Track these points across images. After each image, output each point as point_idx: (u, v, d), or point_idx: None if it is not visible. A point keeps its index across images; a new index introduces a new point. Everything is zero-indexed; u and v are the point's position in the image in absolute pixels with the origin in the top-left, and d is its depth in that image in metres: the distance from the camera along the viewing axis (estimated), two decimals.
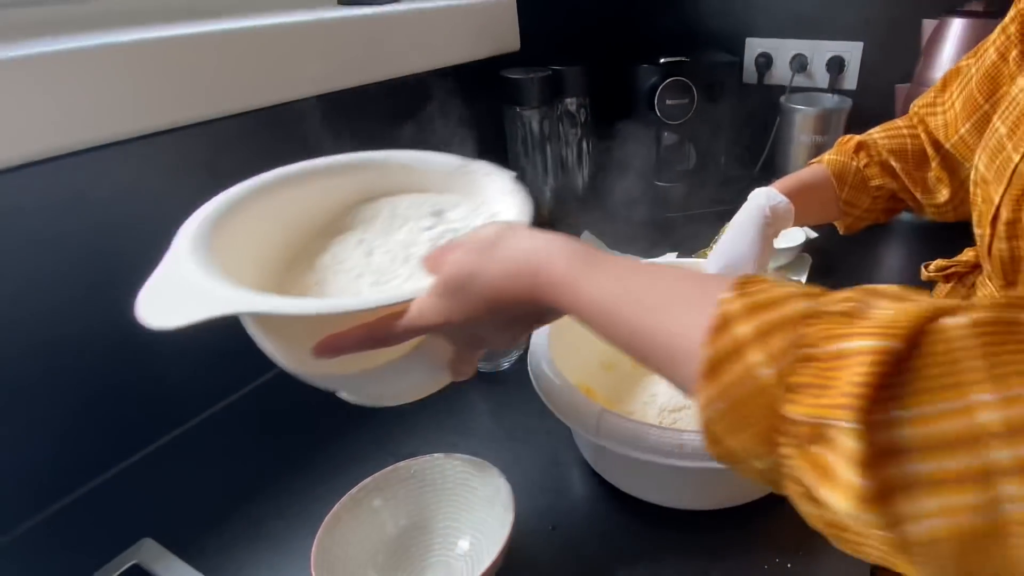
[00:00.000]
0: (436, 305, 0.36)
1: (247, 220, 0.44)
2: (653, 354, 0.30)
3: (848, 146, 0.67)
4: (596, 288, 0.32)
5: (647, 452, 0.46)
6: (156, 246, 0.61)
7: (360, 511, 0.49)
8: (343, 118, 0.77)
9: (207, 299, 0.34)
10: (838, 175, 0.66)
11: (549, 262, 0.33)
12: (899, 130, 0.66)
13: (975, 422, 0.21)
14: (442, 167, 0.52)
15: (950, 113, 0.61)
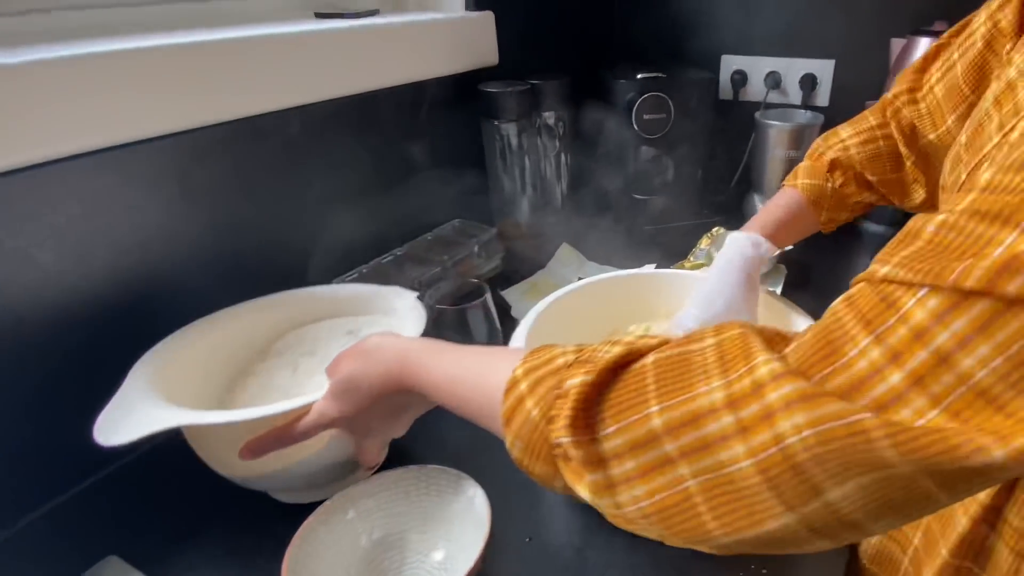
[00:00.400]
0: (332, 404, 0.45)
1: (188, 353, 0.56)
2: (478, 414, 0.38)
3: (821, 164, 0.64)
4: (440, 370, 0.41)
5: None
6: (127, 256, 0.60)
7: (333, 524, 0.48)
8: (319, 130, 0.77)
9: (146, 419, 0.44)
10: (815, 201, 0.64)
11: (408, 357, 0.42)
12: (872, 132, 0.63)
13: (650, 427, 0.29)
14: (359, 294, 0.66)
15: (931, 100, 0.56)
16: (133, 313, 0.61)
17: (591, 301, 0.68)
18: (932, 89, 0.56)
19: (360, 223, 0.84)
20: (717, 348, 0.30)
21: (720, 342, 0.30)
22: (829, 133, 0.66)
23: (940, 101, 0.55)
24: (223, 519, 0.55)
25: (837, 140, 0.64)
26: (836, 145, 0.64)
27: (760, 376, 0.27)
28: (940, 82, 0.55)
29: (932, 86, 0.56)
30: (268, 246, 0.74)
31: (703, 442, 0.28)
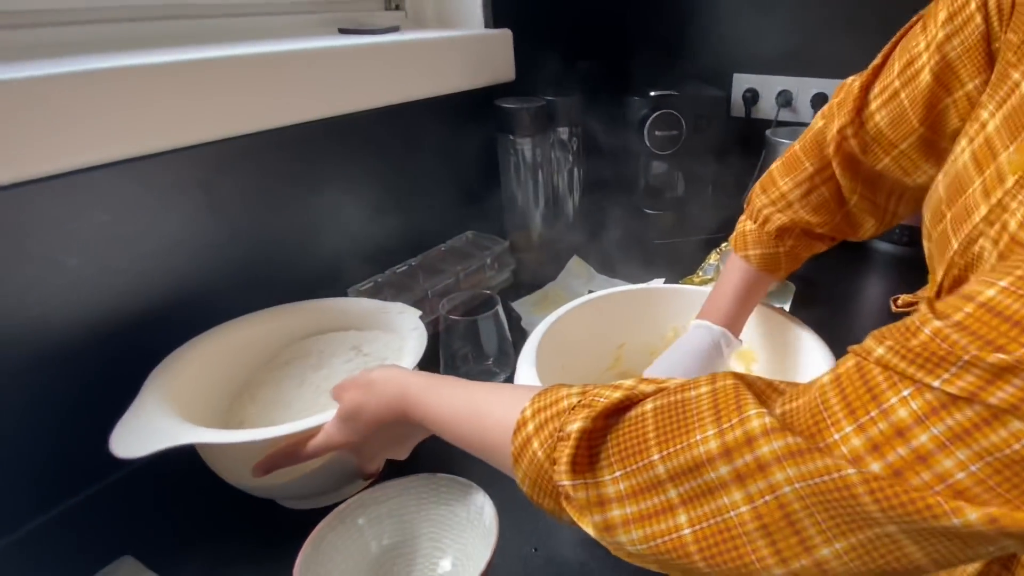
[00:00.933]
0: (338, 430, 0.48)
1: (201, 362, 0.58)
2: (483, 450, 0.40)
3: (768, 232, 0.61)
4: (443, 407, 0.43)
5: None
6: (150, 264, 0.62)
7: (344, 529, 0.49)
8: (339, 143, 0.79)
9: (160, 434, 0.47)
10: (770, 268, 0.62)
11: (409, 391, 0.45)
12: (811, 180, 0.59)
13: (653, 474, 0.30)
14: (364, 309, 0.68)
15: (873, 129, 0.52)
16: (154, 319, 0.62)
17: (600, 314, 0.69)
18: (873, 117, 0.52)
19: (376, 234, 0.86)
20: (711, 396, 0.31)
21: (714, 391, 0.31)
22: (766, 181, 0.62)
23: (884, 130, 0.51)
24: (233, 523, 0.57)
25: (778, 194, 0.61)
26: (779, 203, 0.60)
27: (751, 429, 0.28)
28: (883, 110, 0.51)
29: (873, 113, 0.52)
30: (287, 255, 0.76)
31: (704, 488, 0.29)
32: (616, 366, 0.72)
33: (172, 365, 0.56)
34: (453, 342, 0.71)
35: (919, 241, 1.08)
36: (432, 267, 0.87)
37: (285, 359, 0.64)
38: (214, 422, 0.58)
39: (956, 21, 0.43)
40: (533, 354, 0.59)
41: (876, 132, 0.52)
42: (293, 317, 0.67)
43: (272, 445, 0.49)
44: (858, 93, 0.53)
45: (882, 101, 0.51)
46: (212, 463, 0.53)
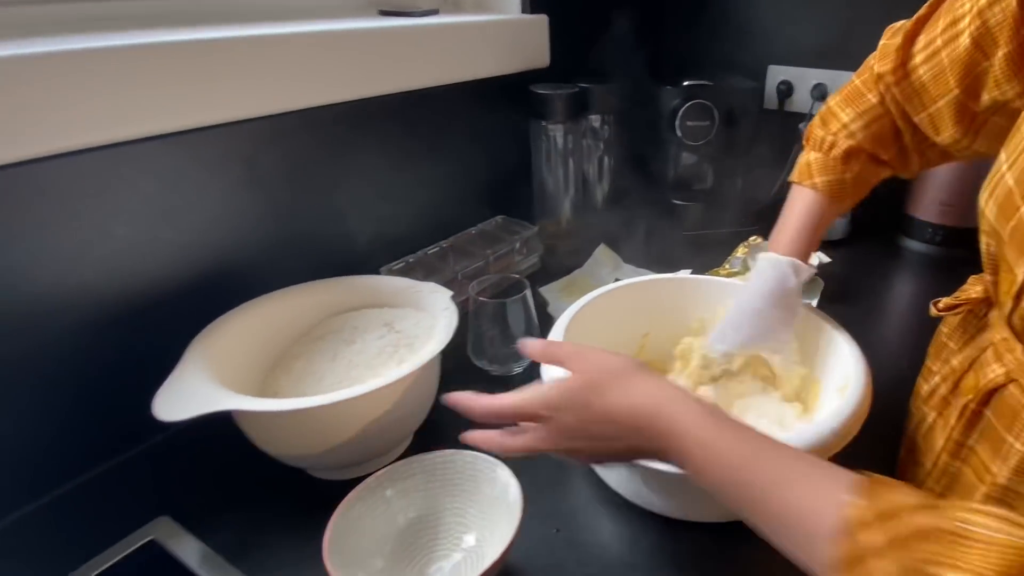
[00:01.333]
0: (559, 400, 0.43)
1: (240, 332, 0.60)
2: (776, 526, 0.34)
3: (835, 157, 0.60)
4: (720, 452, 0.37)
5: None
6: (194, 234, 0.64)
7: (373, 500, 0.50)
8: (377, 124, 0.80)
9: (201, 400, 0.49)
10: (837, 195, 0.61)
11: (673, 408, 0.39)
12: (874, 109, 0.59)
13: None
14: (397, 287, 0.69)
15: (916, 81, 0.54)
16: (197, 289, 0.64)
17: (626, 303, 0.70)
18: (917, 70, 0.53)
19: (409, 215, 0.87)
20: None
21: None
22: (826, 115, 0.62)
23: (926, 84, 0.53)
24: (265, 490, 0.59)
25: (839, 125, 0.60)
26: (841, 132, 0.60)
27: None
28: (925, 65, 0.52)
29: (917, 66, 0.53)
30: (324, 232, 0.77)
31: None
32: (640, 354, 0.72)
33: (213, 333, 0.58)
34: (482, 323, 0.72)
35: (952, 241, 1.08)
36: (462, 250, 0.87)
37: (319, 333, 0.65)
38: (250, 391, 0.59)
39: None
40: (558, 332, 0.60)
41: (919, 85, 0.53)
42: (328, 293, 0.68)
43: (304, 416, 0.50)
44: (901, 42, 0.54)
45: (925, 56, 0.52)
46: (247, 430, 0.55)
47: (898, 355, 0.78)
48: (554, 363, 0.48)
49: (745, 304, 0.61)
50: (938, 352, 0.58)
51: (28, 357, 0.54)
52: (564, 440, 0.44)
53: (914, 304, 0.93)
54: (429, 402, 0.62)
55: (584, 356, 0.45)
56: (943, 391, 0.54)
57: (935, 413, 0.54)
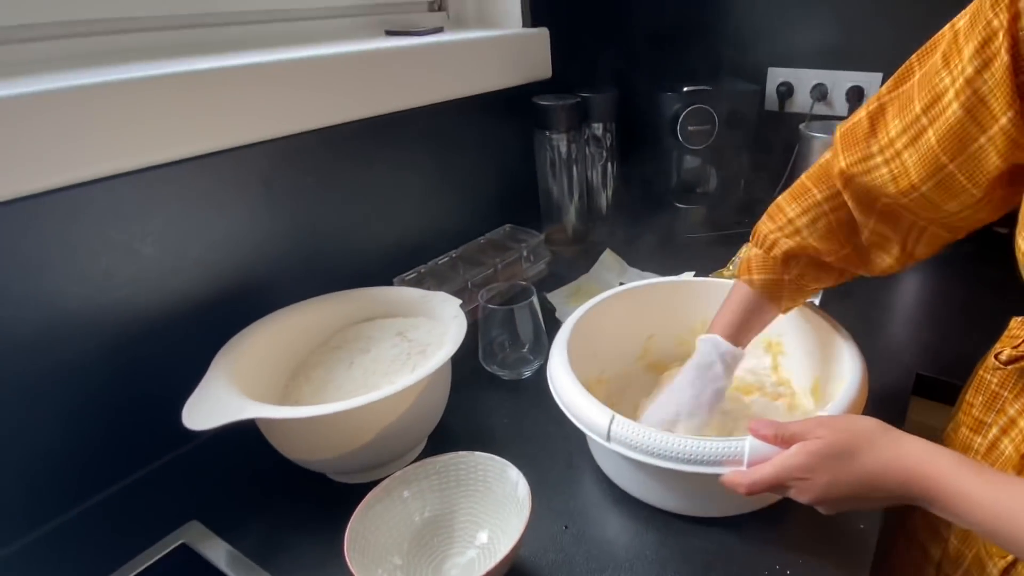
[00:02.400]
0: (804, 460, 0.46)
1: (261, 344, 0.63)
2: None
3: (775, 258, 0.59)
4: (985, 496, 0.39)
5: (654, 457, 0.50)
6: (217, 253, 0.66)
7: (390, 501, 0.52)
8: (387, 140, 0.82)
9: (227, 409, 0.51)
10: (772, 295, 0.60)
11: (926, 469, 0.42)
12: (819, 207, 0.56)
13: None
14: (409, 297, 0.71)
15: (895, 166, 0.49)
16: (221, 303, 0.67)
17: (631, 306, 0.71)
18: (899, 155, 0.48)
19: (419, 226, 0.89)
20: None
21: None
22: (774, 210, 0.60)
23: (908, 168, 0.48)
24: (288, 493, 0.61)
25: (784, 220, 0.58)
26: (786, 228, 0.58)
27: None
28: (909, 149, 0.48)
29: (899, 152, 0.48)
30: (339, 246, 0.80)
31: None
32: (645, 356, 0.74)
33: (237, 346, 0.61)
34: (491, 329, 0.75)
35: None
36: (471, 259, 0.89)
37: (336, 343, 0.68)
38: (272, 399, 0.61)
39: (984, 54, 0.41)
40: (565, 343, 0.62)
41: (900, 170, 0.49)
42: (344, 304, 0.70)
43: (323, 422, 0.53)
44: (868, 129, 0.50)
45: (908, 139, 0.48)
46: (270, 437, 0.58)
47: (904, 350, 0.79)
48: (794, 442, 0.48)
49: (676, 380, 0.61)
50: (990, 403, 0.54)
51: (64, 372, 0.57)
52: (817, 495, 0.47)
53: (916, 296, 0.93)
54: (442, 406, 0.65)
55: (826, 423, 0.47)
56: (1008, 448, 0.51)
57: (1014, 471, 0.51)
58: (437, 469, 0.55)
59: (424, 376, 0.56)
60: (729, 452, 0.49)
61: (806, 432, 0.47)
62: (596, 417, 0.53)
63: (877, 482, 0.44)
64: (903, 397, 0.72)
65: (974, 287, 0.93)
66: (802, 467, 0.46)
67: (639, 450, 0.50)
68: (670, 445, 0.49)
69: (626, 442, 0.51)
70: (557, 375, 0.58)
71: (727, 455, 0.49)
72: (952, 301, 0.91)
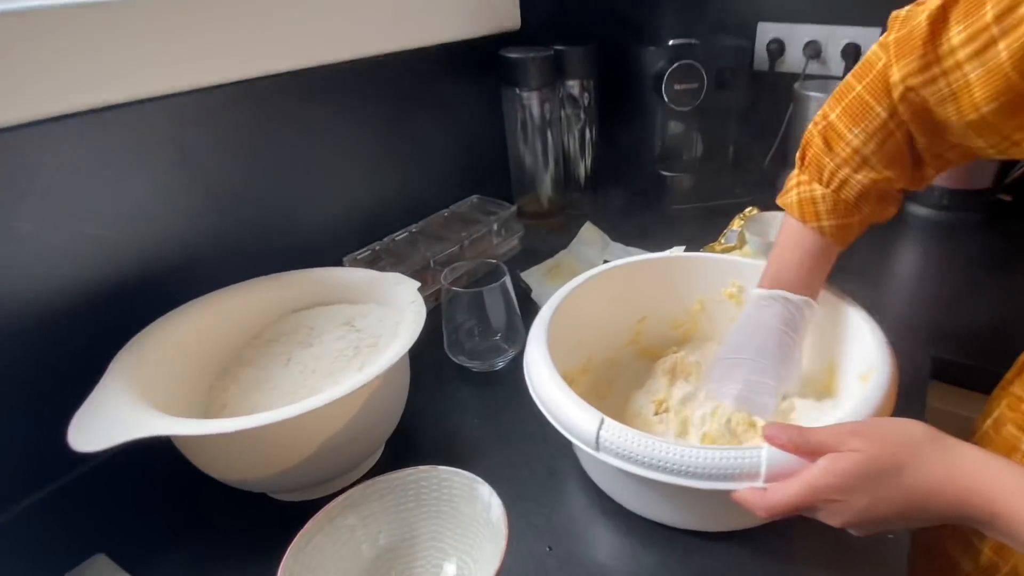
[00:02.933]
0: (838, 481, 0.39)
1: (177, 340, 0.54)
2: None
3: (846, 199, 0.53)
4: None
5: (652, 469, 0.42)
6: (118, 231, 0.56)
7: (333, 530, 0.44)
8: (329, 97, 0.72)
9: (123, 426, 0.42)
10: (844, 239, 0.55)
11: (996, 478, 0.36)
12: (885, 127, 0.50)
13: None
14: (357, 280, 0.63)
15: (957, 80, 0.44)
16: (123, 293, 0.57)
17: (618, 286, 0.64)
18: (961, 67, 0.43)
19: (372, 197, 0.81)
20: None
21: None
22: (828, 133, 0.53)
23: (972, 84, 0.43)
24: (218, 518, 0.53)
25: (849, 151, 0.52)
26: (852, 160, 0.52)
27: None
28: (972, 61, 0.42)
29: (960, 64, 0.43)
30: (273, 220, 0.70)
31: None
32: (637, 341, 0.67)
33: (142, 344, 0.52)
34: (457, 315, 0.66)
35: (960, 204, 1.03)
36: (434, 234, 0.82)
37: (271, 335, 0.59)
38: (193, 406, 0.53)
39: None
40: (545, 331, 0.54)
41: (961, 84, 0.43)
42: (279, 289, 0.61)
43: (250, 437, 0.44)
44: (927, 34, 0.44)
45: (974, 50, 0.41)
46: (188, 454, 0.49)
47: (914, 328, 0.73)
48: (820, 453, 0.40)
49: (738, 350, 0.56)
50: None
51: None
52: (852, 519, 0.40)
53: (920, 271, 0.88)
54: (399, 408, 0.56)
55: (862, 432, 0.40)
56: None
57: None
58: (392, 487, 0.47)
59: (376, 375, 0.48)
60: (742, 465, 0.41)
61: (838, 443, 0.40)
62: (582, 421, 0.45)
63: (927, 503, 0.38)
64: (921, 383, 0.65)
65: (981, 258, 0.89)
66: (835, 488, 0.39)
67: (634, 461, 0.43)
68: (671, 455, 0.42)
69: (619, 452, 0.44)
70: (536, 370, 0.51)
71: (739, 469, 0.41)
72: (959, 274, 0.86)
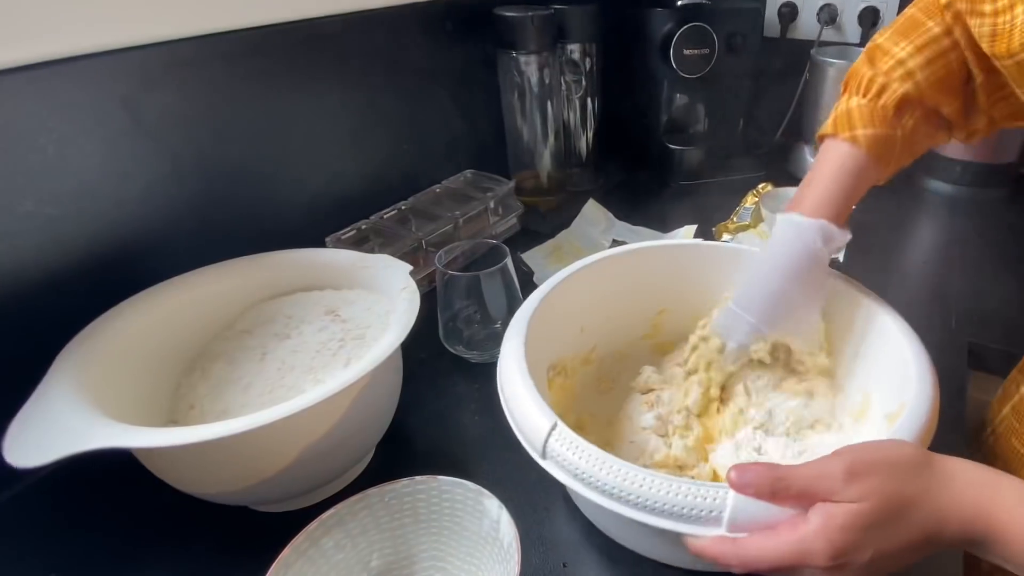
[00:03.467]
0: (844, 541, 0.32)
1: (134, 333, 0.48)
2: None
3: (885, 106, 0.48)
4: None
5: (596, 492, 0.36)
6: (65, 202, 0.49)
7: (317, 554, 0.39)
8: (305, 58, 0.66)
9: (67, 436, 0.37)
10: (882, 154, 0.49)
11: (993, 497, 0.33)
12: (938, 41, 0.47)
13: None
14: (342, 262, 0.57)
15: (1002, 21, 0.41)
16: (69, 280, 0.51)
17: (629, 272, 0.58)
18: (1014, 6, 0.40)
19: (357, 171, 0.76)
20: None
21: None
22: (873, 52, 0.50)
23: (1019, 26, 0.40)
24: (191, 533, 0.47)
25: (894, 62, 0.48)
26: (896, 70, 0.48)
27: None
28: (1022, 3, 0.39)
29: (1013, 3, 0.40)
30: (247, 196, 0.64)
31: None
32: (655, 335, 0.61)
33: (92, 339, 0.45)
34: (454, 301, 0.61)
35: (982, 179, 0.99)
36: (425, 212, 0.77)
37: (244, 326, 0.53)
38: (156, 408, 0.47)
39: None
40: (530, 312, 0.48)
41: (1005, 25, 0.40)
42: (254, 273, 0.55)
43: (221, 445, 0.38)
44: None
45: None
46: (150, 466, 0.43)
47: (942, 315, 0.68)
48: (805, 501, 0.34)
49: (760, 279, 0.50)
50: None
51: None
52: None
53: (943, 250, 0.84)
54: (390, 409, 0.51)
55: (858, 473, 0.34)
56: None
57: None
58: (386, 502, 0.42)
59: (365, 371, 0.42)
60: (701, 505, 0.34)
61: (830, 491, 0.33)
62: (535, 422, 0.40)
63: (934, 538, 0.34)
64: (960, 375, 0.60)
65: (1008, 235, 0.85)
66: (832, 553, 0.32)
67: (580, 479, 0.37)
68: (617, 478, 0.36)
69: (566, 464, 0.38)
70: (506, 349, 0.46)
71: (698, 509, 0.34)
72: (987, 253, 0.82)
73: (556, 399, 0.51)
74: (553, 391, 0.51)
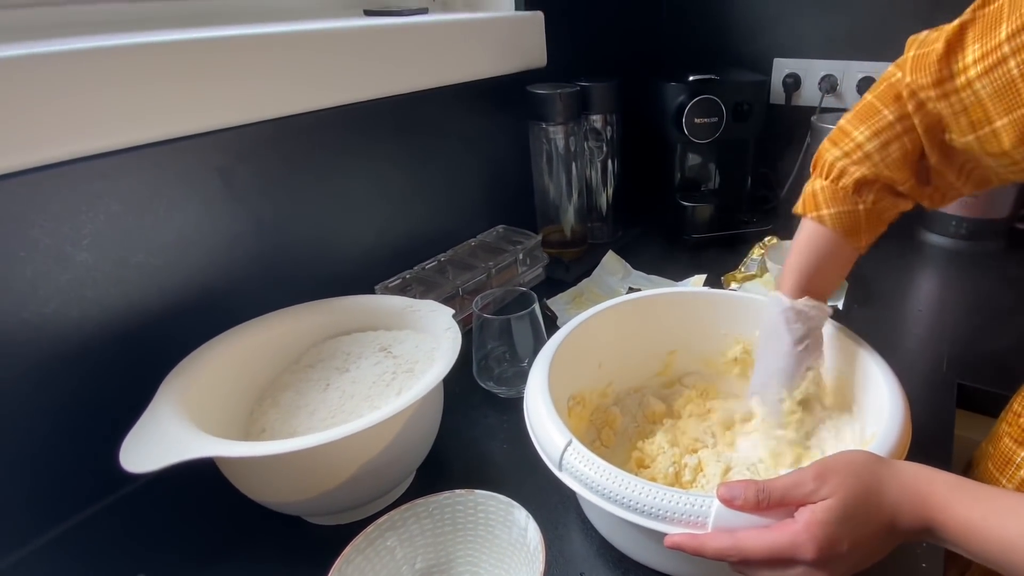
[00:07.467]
0: (827, 533, 0.36)
1: (221, 365, 0.55)
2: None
3: (844, 186, 0.52)
4: (996, 519, 0.35)
5: (607, 501, 0.42)
6: (167, 258, 0.58)
7: (373, 552, 0.45)
8: (365, 131, 0.74)
9: (173, 447, 0.43)
10: (849, 230, 0.53)
11: (930, 482, 0.37)
12: (892, 129, 0.50)
13: None
14: (393, 307, 0.63)
15: (968, 98, 0.45)
16: (170, 318, 0.58)
17: (640, 316, 0.64)
18: (972, 84, 0.44)
19: (403, 227, 0.82)
20: None
21: None
22: (836, 135, 0.54)
23: (984, 101, 0.44)
24: (257, 540, 0.53)
25: (852, 145, 0.52)
26: (854, 154, 0.51)
27: None
28: (985, 77, 0.43)
29: (972, 80, 0.44)
30: (311, 249, 0.71)
31: None
32: (666, 372, 0.67)
33: (189, 368, 0.52)
34: (487, 341, 0.67)
35: (978, 234, 1.03)
36: (462, 262, 0.82)
37: (309, 361, 0.60)
38: (234, 429, 0.54)
39: None
40: (553, 349, 0.55)
41: (973, 101, 0.44)
42: (317, 316, 0.62)
43: (292, 459, 0.45)
44: (944, 52, 0.45)
45: (986, 67, 0.42)
46: (229, 476, 0.49)
47: (935, 360, 0.73)
48: (784, 507, 0.39)
49: (763, 355, 0.57)
50: None
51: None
52: (841, 569, 0.38)
53: (940, 301, 0.88)
54: (432, 434, 0.57)
55: (823, 474, 0.38)
56: None
57: None
58: (429, 511, 0.48)
59: (413, 400, 0.48)
60: (689, 512, 0.40)
61: (806, 494, 0.38)
62: (553, 438, 0.46)
63: (894, 526, 0.37)
64: (947, 412, 0.65)
65: (1001, 286, 0.89)
66: (819, 545, 0.36)
67: (593, 489, 0.43)
68: (626, 489, 0.41)
69: (579, 476, 0.44)
70: (532, 382, 0.52)
71: (687, 515, 0.40)
72: (981, 302, 0.86)
73: (574, 425, 0.57)
74: (572, 418, 0.57)
